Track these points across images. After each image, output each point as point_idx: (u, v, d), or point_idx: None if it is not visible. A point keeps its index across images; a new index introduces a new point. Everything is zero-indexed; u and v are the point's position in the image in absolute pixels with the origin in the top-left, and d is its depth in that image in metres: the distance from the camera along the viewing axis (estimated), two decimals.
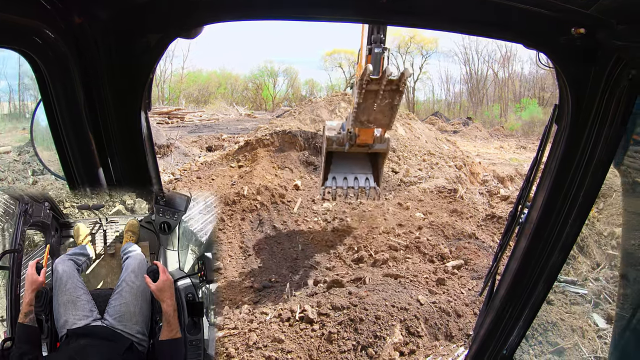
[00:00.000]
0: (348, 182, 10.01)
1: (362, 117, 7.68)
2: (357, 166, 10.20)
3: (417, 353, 6.32)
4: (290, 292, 7.91)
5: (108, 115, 2.16)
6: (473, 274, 8.43)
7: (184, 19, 2.09)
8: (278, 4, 2.15)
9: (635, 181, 3.03)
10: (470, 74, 56.28)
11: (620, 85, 2.25)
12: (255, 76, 60.20)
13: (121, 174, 2.32)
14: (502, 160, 22.27)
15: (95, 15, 1.97)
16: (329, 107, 17.85)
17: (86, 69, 2.04)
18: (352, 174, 10.09)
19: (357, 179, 10.04)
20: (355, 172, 10.12)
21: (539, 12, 2.13)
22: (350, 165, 10.19)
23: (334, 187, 9.93)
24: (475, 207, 12.43)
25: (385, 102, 7.37)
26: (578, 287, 7.84)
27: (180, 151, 18.84)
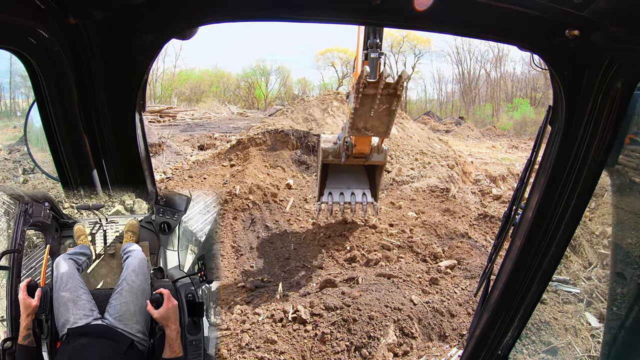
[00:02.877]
0: (344, 197, 9.91)
1: (358, 124, 7.50)
2: (353, 180, 10.11)
3: (410, 354, 6.30)
4: (283, 292, 7.87)
5: (102, 115, 2.16)
6: (466, 274, 8.43)
7: (178, 20, 2.09)
8: (271, 5, 2.16)
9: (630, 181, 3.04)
10: (462, 73, 56.55)
11: (613, 86, 2.26)
12: (248, 75, 60.04)
13: (115, 174, 2.33)
14: (494, 160, 22.33)
15: (90, 15, 1.97)
16: (321, 106, 17.85)
17: (80, 69, 2.03)
18: (348, 189, 10.00)
19: (353, 194, 9.95)
20: (352, 186, 10.04)
21: (532, 14, 2.13)
22: (346, 179, 10.10)
23: (330, 202, 9.85)
24: (468, 206, 12.47)
25: (382, 107, 7.19)
26: (570, 286, 7.87)
27: (172, 150, 18.74)
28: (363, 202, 9.87)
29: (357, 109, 7.21)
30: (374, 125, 7.48)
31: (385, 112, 7.30)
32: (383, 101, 7.09)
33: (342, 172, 10.07)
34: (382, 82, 6.76)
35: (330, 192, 9.91)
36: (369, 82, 6.85)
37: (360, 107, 7.20)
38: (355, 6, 2.15)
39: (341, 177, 10.08)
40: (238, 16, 2.19)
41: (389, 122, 7.45)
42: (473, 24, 2.25)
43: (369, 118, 7.37)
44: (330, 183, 10.03)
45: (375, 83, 6.86)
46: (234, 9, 2.14)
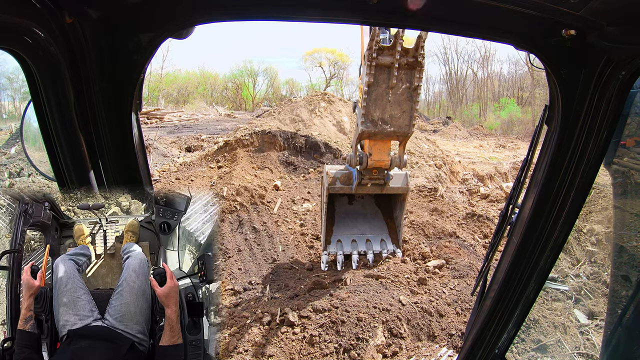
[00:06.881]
0: (358, 245, 8.17)
1: (374, 113, 6.25)
2: (367, 222, 8.46)
3: (400, 354, 6.28)
4: (271, 294, 7.80)
5: (98, 115, 2.17)
6: (454, 273, 8.42)
7: (175, 19, 2.08)
8: (269, 4, 2.15)
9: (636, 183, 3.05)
10: (449, 73, 56.93)
11: (610, 86, 2.29)
12: (235, 76, 59.97)
13: (112, 174, 2.35)
14: (481, 159, 22.48)
15: (86, 14, 1.96)
16: (308, 106, 17.87)
17: (77, 68, 2.03)
18: (362, 235, 8.26)
19: (369, 241, 8.23)
20: (366, 231, 8.31)
21: (529, 13, 2.15)
22: (358, 220, 8.46)
23: (341, 253, 8.09)
24: (456, 205, 12.52)
25: (402, 86, 6.09)
26: (559, 284, 7.91)
27: (159, 152, 18.60)
28: (383, 251, 8.18)
29: (371, 86, 6.08)
30: (393, 114, 6.27)
31: (405, 96, 6.18)
32: (402, 77, 6.06)
33: (353, 211, 8.53)
34: (398, 45, 5.86)
35: (339, 240, 8.18)
36: (383, 47, 5.89)
37: (375, 85, 6.08)
38: (352, 5, 2.15)
39: (352, 218, 8.46)
40: (234, 15, 2.18)
41: (411, 110, 6.29)
42: (470, 23, 2.26)
43: (387, 104, 6.21)
44: (339, 227, 8.32)
45: (390, 48, 5.90)
46: (230, 8, 2.13)
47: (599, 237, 9.11)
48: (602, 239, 9.06)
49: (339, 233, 8.30)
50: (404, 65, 6.02)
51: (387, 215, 8.60)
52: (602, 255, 8.78)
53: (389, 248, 8.23)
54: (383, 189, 7.61)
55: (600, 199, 9.54)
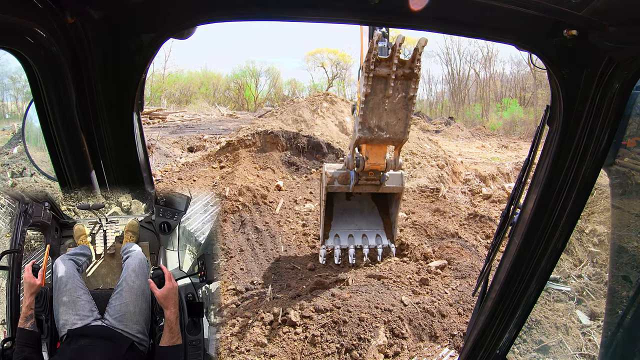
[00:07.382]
0: (354, 240, 8.61)
1: (371, 121, 6.54)
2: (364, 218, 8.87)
3: (401, 355, 6.27)
4: (273, 294, 7.80)
5: (100, 115, 2.17)
6: (456, 274, 8.41)
7: (177, 19, 2.08)
8: (271, 4, 2.15)
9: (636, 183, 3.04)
10: (452, 74, 56.82)
11: (611, 86, 2.28)
12: (237, 76, 59.97)
13: (113, 174, 2.34)
14: (483, 160, 22.43)
15: (88, 15, 1.96)
16: (311, 107, 17.87)
17: (78, 69, 2.03)
18: (358, 230, 8.69)
19: (365, 236, 8.67)
20: (363, 227, 8.75)
21: (531, 14, 2.14)
22: (355, 216, 8.87)
23: (338, 247, 8.54)
24: (458, 206, 12.50)
25: (398, 96, 6.35)
26: (561, 285, 7.89)
27: (162, 152, 18.63)
28: (378, 246, 8.59)
29: (368, 95, 6.33)
30: (389, 122, 6.57)
31: (401, 105, 6.46)
32: (398, 87, 6.32)
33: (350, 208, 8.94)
34: (395, 57, 6.08)
35: (337, 235, 8.61)
36: (380, 59, 6.14)
37: (372, 95, 6.33)
38: (353, 6, 2.15)
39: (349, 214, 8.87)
40: (235, 15, 2.19)
41: (406, 117, 6.56)
42: (471, 23, 2.26)
43: (383, 113, 6.49)
44: (336, 222, 8.75)
45: (387, 60, 6.13)
46: (232, 8, 2.13)
47: (601, 237, 9.09)
48: (604, 239, 9.03)
49: (336, 228, 8.72)
50: (400, 77, 6.29)
51: (383, 211, 8.98)
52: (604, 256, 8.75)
53: (384, 243, 8.63)
54: (379, 189, 8.09)
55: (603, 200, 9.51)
